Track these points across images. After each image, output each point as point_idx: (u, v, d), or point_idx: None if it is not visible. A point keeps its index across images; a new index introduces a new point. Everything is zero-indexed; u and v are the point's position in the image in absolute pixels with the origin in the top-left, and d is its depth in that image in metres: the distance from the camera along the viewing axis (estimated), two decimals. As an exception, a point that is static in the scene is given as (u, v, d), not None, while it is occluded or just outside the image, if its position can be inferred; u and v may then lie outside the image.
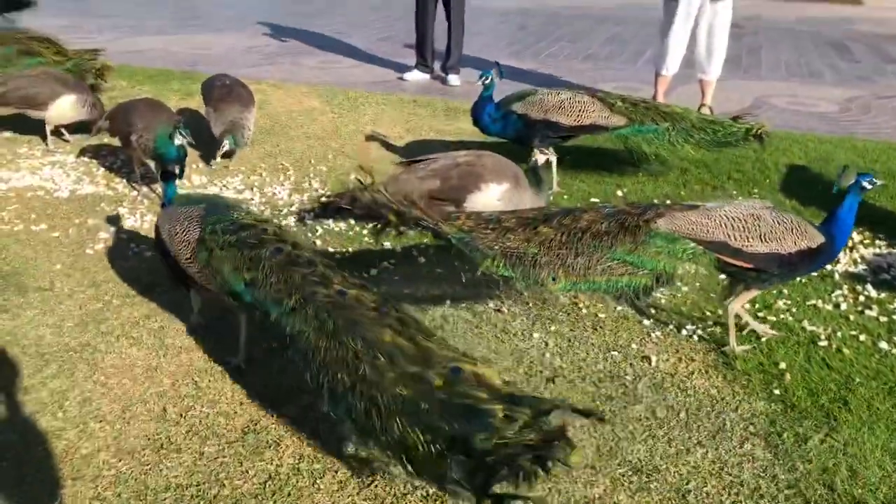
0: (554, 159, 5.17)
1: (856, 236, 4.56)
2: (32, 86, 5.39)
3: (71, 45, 7.37)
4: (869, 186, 3.28)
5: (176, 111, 6.53)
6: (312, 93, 7.35)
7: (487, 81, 5.15)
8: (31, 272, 3.93)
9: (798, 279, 3.88)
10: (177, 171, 3.57)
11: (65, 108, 5.45)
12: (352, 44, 10.08)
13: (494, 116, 5.19)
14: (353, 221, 4.61)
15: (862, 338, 3.52)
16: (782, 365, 3.30)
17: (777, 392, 3.14)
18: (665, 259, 3.17)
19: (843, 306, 3.81)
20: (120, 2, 12.84)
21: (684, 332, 3.58)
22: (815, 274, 3.95)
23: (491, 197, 4.06)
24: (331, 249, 4.29)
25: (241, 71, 8.07)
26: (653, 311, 3.71)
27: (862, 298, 3.90)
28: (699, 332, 3.58)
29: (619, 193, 5.16)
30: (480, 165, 4.10)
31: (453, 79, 8.01)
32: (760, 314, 3.71)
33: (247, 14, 12.22)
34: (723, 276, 3.51)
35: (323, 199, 3.48)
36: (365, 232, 4.50)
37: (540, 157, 4.15)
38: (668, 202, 3.45)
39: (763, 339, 3.47)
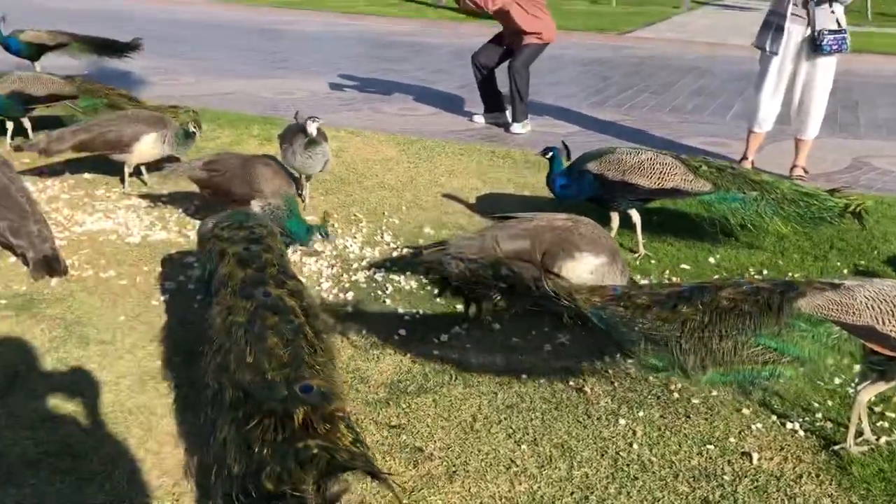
0: (638, 220, 4.88)
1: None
2: (115, 129, 5.39)
3: (159, 86, 7.51)
4: None
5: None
6: (390, 141, 7.23)
7: (549, 157, 4.97)
8: (95, 323, 3.82)
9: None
10: None
11: (146, 148, 5.45)
12: (432, 91, 10.00)
13: (566, 183, 4.93)
14: (425, 281, 4.41)
15: None
16: (908, 473, 2.89)
17: (902, 507, 2.74)
18: (810, 345, 2.83)
19: (974, 404, 3.36)
20: (213, 47, 13.15)
21: (789, 425, 3.20)
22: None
23: (584, 269, 3.77)
24: (400, 310, 4.07)
25: (322, 117, 8.05)
26: (753, 398, 3.35)
27: None
28: (807, 426, 3.19)
29: (711, 260, 4.80)
30: (578, 234, 3.83)
31: (516, 127, 7.89)
32: (877, 408, 3.30)
33: (331, 59, 12.33)
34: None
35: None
36: (436, 291, 4.26)
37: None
38: (806, 279, 3.13)
39: (883, 441, 3.07)
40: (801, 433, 3.15)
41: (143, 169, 5.80)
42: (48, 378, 3.35)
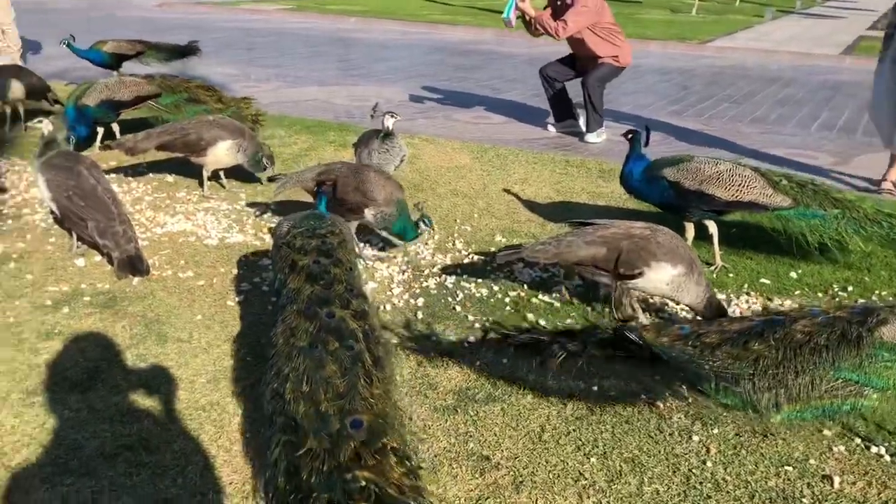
0: (715, 230, 4.74)
1: None
2: (195, 132, 5.56)
3: (236, 93, 7.72)
4: None
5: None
6: (463, 149, 7.24)
7: (630, 137, 4.83)
8: (173, 321, 3.93)
9: None
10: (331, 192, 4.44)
11: (221, 153, 5.60)
12: (505, 99, 9.99)
13: (641, 178, 4.80)
14: (496, 289, 4.38)
15: None
16: None
17: None
18: (895, 375, 2.70)
19: None
20: (287, 54, 13.44)
21: (874, 449, 3.04)
22: None
23: (660, 278, 3.70)
24: (470, 317, 4.05)
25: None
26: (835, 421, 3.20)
27: None
28: (893, 450, 3.04)
29: (793, 275, 4.63)
30: (655, 242, 3.75)
31: (591, 136, 7.81)
32: (971, 436, 3.12)
33: (406, 67, 12.47)
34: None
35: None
36: (507, 300, 4.24)
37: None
38: (891, 301, 2.98)
39: (978, 470, 2.89)
40: (887, 458, 3.00)
41: (221, 173, 5.96)
42: (127, 373, 3.46)
